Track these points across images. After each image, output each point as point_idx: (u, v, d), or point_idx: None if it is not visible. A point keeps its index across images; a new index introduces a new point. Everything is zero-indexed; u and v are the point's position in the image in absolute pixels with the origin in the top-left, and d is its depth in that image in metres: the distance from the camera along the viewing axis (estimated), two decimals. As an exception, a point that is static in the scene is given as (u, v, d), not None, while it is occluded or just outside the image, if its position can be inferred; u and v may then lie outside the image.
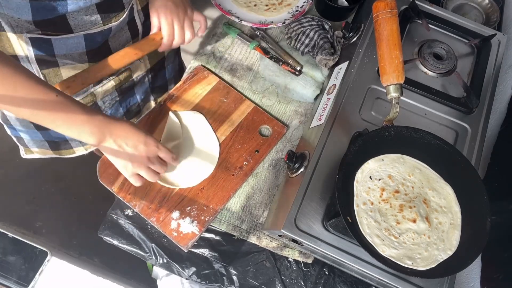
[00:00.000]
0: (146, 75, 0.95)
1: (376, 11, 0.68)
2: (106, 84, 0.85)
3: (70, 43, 0.71)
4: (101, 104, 0.88)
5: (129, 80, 0.91)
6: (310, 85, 0.89)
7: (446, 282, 0.65)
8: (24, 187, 1.70)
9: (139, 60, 0.88)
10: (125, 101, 0.95)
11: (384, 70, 0.66)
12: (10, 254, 0.72)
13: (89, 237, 1.25)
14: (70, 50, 0.73)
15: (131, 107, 0.98)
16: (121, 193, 0.77)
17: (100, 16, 0.70)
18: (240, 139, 0.84)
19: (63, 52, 0.72)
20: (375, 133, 0.67)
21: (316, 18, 0.93)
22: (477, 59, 0.87)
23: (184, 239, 0.74)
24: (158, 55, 0.96)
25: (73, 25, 0.68)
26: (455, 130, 0.79)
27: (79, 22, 0.68)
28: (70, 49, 0.72)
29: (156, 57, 0.95)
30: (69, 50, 0.72)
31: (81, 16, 0.67)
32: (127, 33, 0.80)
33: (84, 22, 0.69)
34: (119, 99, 0.92)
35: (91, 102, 0.85)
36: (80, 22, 0.68)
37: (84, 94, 0.82)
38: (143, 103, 1.02)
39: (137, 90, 0.96)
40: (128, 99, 0.96)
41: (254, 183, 0.82)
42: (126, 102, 0.95)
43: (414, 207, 0.64)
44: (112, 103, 0.91)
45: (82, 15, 0.67)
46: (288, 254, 0.78)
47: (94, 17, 0.69)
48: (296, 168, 0.73)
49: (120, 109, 0.95)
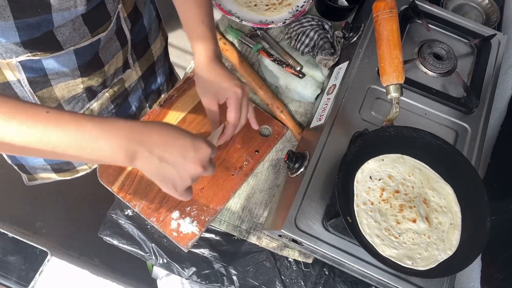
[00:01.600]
0: (138, 82, 0.94)
1: (376, 11, 0.68)
2: (101, 98, 0.84)
3: (61, 60, 0.69)
4: None
5: (123, 90, 0.90)
6: (311, 85, 0.89)
7: (446, 282, 0.65)
8: (24, 187, 1.70)
9: (129, 68, 0.87)
10: (121, 111, 0.93)
11: (384, 70, 0.66)
12: (10, 254, 0.72)
13: (89, 237, 1.25)
14: (61, 68, 0.70)
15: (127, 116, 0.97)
16: (121, 193, 0.77)
17: (87, 28, 0.68)
18: (240, 139, 0.84)
19: (55, 71, 0.70)
20: (375, 133, 0.67)
21: (316, 18, 0.93)
22: (477, 59, 0.87)
23: (184, 239, 0.74)
24: (148, 60, 0.95)
25: (62, 41, 0.65)
26: (455, 130, 0.79)
27: (67, 37, 0.66)
28: (62, 67, 0.70)
29: (146, 63, 0.94)
30: (60, 68, 0.70)
31: (69, 30, 0.65)
32: (116, 42, 0.79)
33: (73, 36, 0.66)
34: (115, 110, 0.90)
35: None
36: (69, 37, 0.66)
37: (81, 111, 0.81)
38: (138, 111, 1.01)
39: (131, 99, 0.95)
40: (124, 109, 0.94)
41: (254, 183, 0.82)
42: (122, 112, 0.93)
43: (414, 207, 0.64)
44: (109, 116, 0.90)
45: (69, 29, 0.65)
46: (288, 254, 0.78)
47: (81, 30, 0.67)
48: (296, 168, 0.73)
49: None
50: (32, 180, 0.97)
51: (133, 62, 0.88)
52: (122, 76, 0.86)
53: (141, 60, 0.90)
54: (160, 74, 1.03)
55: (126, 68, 0.86)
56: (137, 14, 0.83)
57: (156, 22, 0.93)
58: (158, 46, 0.97)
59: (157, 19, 0.95)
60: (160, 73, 1.03)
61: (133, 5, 0.80)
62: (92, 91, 0.81)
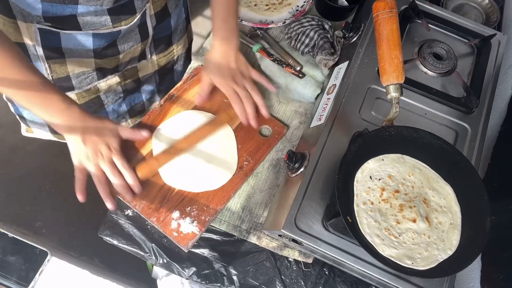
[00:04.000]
0: (153, 75, 0.94)
1: (376, 11, 0.68)
2: (110, 80, 0.85)
3: (78, 38, 0.71)
4: (104, 98, 0.87)
5: (136, 79, 0.90)
6: (311, 85, 0.89)
7: (446, 282, 0.65)
8: (24, 187, 1.70)
9: (145, 59, 0.88)
10: (129, 98, 0.94)
11: (384, 70, 0.66)
12: (10, 254, 0.71)
13: (89, 237, 1.25)
14: (77, 46, 0.73)
15: (135, 105, 0.98)
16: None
17: (110, 18, 0.70)
18: (240, 139, 0.84)
19: (70, 46, 0.73)
20: (375, 133, 0.67)
21: (316, 18, 0.93)
22: (477, 59, 0.87)
23: (184, 239, 0.74)
24: (167, 57, 0.95)
25: (82, 24, 0.69)
26: (455, 130, 0.79)
27: (88, 22, 0.69)
28: (78, 45, 0.73)
29: (165, 60, 0.95)
30: (76, 45, 0.73)
31: (91, 17, 0.68)
32: (137, 35, 0.80)
33: (94, 22, 0.69)
34: (123, 95, 0.91)
35: (94, 95, 0.84)
36: (90, 22, 0.69)
37: (88, 87, 0.82)
38: (149, 103, 1.02)
39: (143, 90, 0.96)
40: (133, 97, 0.95)
41: (254, 183, 0.82)
42: (130, 99, 0.95)
43: (414, 207, 0.64)
44: (116, 99, 0.90)
45: (91, 16, 0.68)
46: (288, 254, 0.78)
47: (104, 18, 0.69)
48: (296, 168, 0.73)
49: (123, 106, 0.95)
50: (29, 131, 0.99)
51: (150, 55, 0.89)
52: (137, 65, 0.87)
53: (160, 56, 0.91)
54: (178, 74, 1.04)
55: (142, 58, 0.88)
56: (165, 14, 0.84)
57: (184, 24, 0.94)
58: (181, 46, 0.98)
59: (186, 21, 0.95)
60: (178, 73, 1.04)
61: (163, 5, 0.82)
62: (103, 71, 0.82)
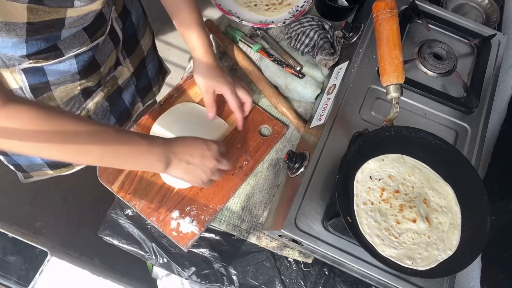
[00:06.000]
0: (131, 78, 0.95)
1: (376, 11, 0.68)
2: (96, 97, 0.85)
3: (62, 66, 0.71)
4: (94, 117, 0.87)
5: (116, 88, 0.90)
6: (311, 85, 0.89)
7: (446, 282, 0.65)
8: (24, 187, 1.69)
9: (120, 65, 0.88)
10: (115, 108, 0.94)
11: (384, 70, 0.66)
12: (10, 254, 0.72)
13: (89, 237, 1.25)
14: (63, 74, 0.72)
15: (122, 113, 0.98)
16: (121, 193, 0.77)
17: (87, 35, 0.70)
18: (240, 139, 0.84)
19: (56, 76, 0.72)
20: (375, 133, 0.67)
21: (316, 18, 0.93)
22: (477, 59, 0.87)
23: (184, 239, 0.74)
24: (138, 56, 0.96)
25: (63, 48, 0.68)
26: (455, 130, 0.79)
27: (68, 44, 0.68)
28: (63, 73, 0.72)
29: (137, 59, 0.95)
30: (62, 74, 0.72)
31: (70, 39, 0.67)
32: (110, 43, 0.80)
33: (73, 43, 0.69)
34: (110, 108, 0.91)
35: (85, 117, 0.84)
36: (69, 44, 0.68)
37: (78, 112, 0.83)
38: (132, 107, 1.02)
39: (125, 95, 0.96)
40: (118, 106, 0.95)
41: (254, 183, 0.82)
42: (116, 109, 0.95)
43: (414, 207, 0.64)
44: (104, 114, 0.91)
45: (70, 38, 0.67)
46: (288, 254, 0.78)
47: (81, 37, 0.69)
48: (296, 168, 0.73)
49: (112, 118, 0.95)
50: (28, 177, 0.98)
51: (124, 58, 0.89)
52: (114, 73, 0.88)
53: (132, 57, 0.91)
54: (151, 68, 1.05)
55: (118, 65, 0.88)
56: (126, 12, 0.84)
57: (143, 17, 0.95)
58: (147, 41, 0.98)
59: (144, 15, 0.96)
60: (151, 67, 1.04)
61: (122, 4, 0.82)
62: (87, 91, 0.82)
